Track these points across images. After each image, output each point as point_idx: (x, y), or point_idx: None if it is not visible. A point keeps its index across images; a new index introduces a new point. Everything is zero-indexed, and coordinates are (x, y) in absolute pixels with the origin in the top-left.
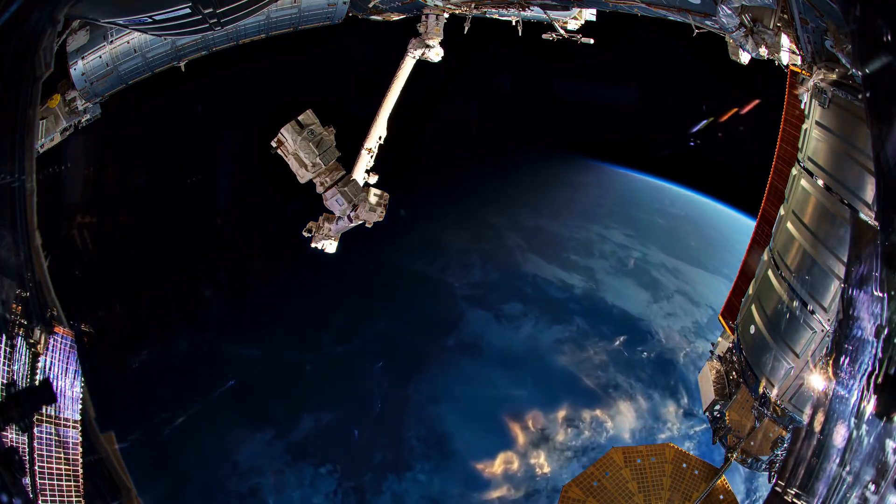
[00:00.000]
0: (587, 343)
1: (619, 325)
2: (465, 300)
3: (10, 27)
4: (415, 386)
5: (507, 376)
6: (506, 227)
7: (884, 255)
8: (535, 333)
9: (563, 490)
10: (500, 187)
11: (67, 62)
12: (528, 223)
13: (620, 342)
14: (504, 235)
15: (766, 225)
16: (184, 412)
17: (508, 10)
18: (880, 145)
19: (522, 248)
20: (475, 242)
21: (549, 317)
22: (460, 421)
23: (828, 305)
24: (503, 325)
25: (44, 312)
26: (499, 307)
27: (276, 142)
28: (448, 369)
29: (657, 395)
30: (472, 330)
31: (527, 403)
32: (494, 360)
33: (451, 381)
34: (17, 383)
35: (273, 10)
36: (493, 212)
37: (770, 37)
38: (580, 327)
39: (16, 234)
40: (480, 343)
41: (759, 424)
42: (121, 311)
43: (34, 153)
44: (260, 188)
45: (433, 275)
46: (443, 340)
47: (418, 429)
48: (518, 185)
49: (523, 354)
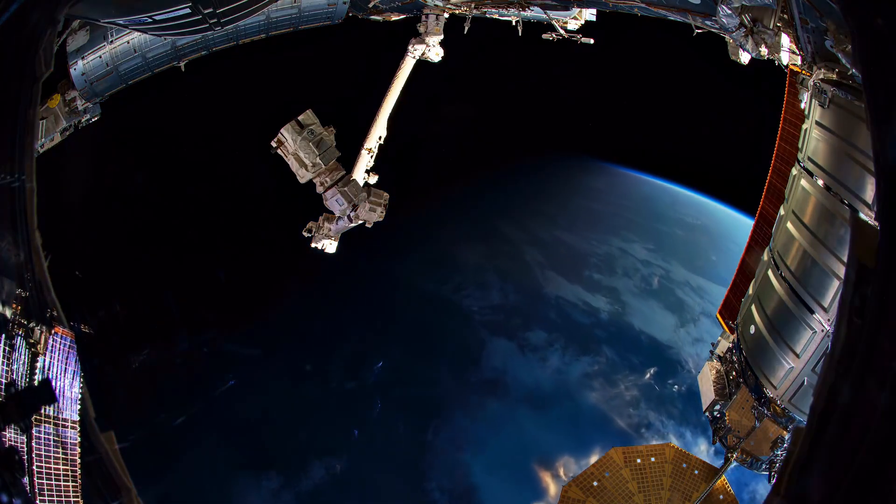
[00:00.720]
0: (617, 377)
1: (648, 354)
2: (484, 327)
3: (10, 27)
4: (435, 430)
5: (535, 417)
6: (522, 239)
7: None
8: (563, 367)
9: (563, 490)
10: (510, 193)
11: (67, 62)
12: (544, 235)
13: (650, 375)
14: (521, 249)
15: (765, 224)
16: (184, 412)
17: (508, 10)
18: (880, 145)
19: (542, 265)
20: (491, 258)
21: (577, 346)
22: (486, 470)
23: (828, 305)
24: (528, 357)
25: (44, 312)
26: (522, 336)
27: (276, 142)
28: (471, 410)
29: (689, 434)
30: (495, 364)
31: (557, 448)
32: (521, 399)
33: (474, 425)
34: (17, 383)
35: (273, 10)
36: (506, 221)
37: (770, 37)
38: (609, 358)
39: (16, 234)
40: (505, 379)
41: (758, 424)
42: (121, 311)
43: (34, 153)
44: (260, 188)
45: (448, 296)
46: (464, 376)
47: (441, 479)
48: (529, 191)
49: (551, 392)
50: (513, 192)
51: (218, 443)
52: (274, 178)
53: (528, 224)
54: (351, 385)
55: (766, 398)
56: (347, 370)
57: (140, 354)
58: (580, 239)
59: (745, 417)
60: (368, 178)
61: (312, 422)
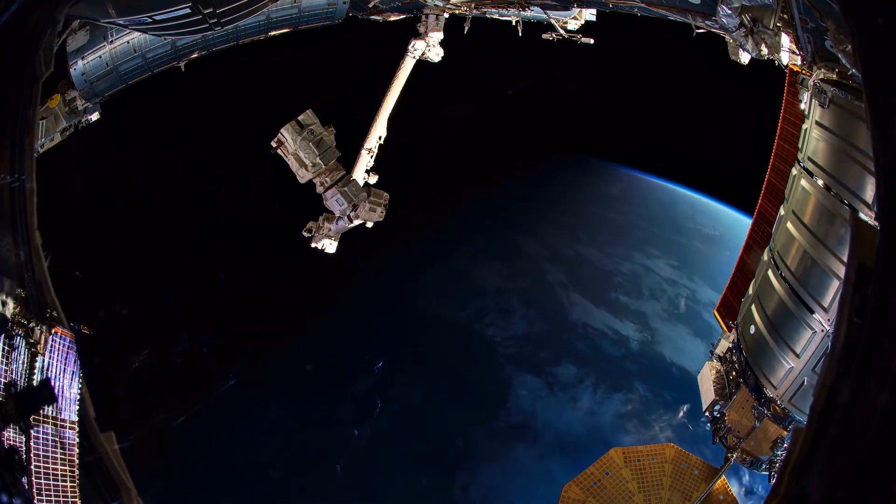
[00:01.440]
0: (651, 417)
1: (681, 388)
2: (509, 361)
3: (10, 27)
4: (462, 486)
5: (569, 467)
6: (542, 256)
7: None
8: (595, 407)
9: (563, 490)
10: (526, 203)
11: (67, 62)
12: (565, 251)
13: (684, 413)
14: (542, 268)
15: (763, 223)
16: (184, 412)
17: (508, 10)
18: (880, 145)
19: (566, 287)
20: (511, 278)
21: (608, 383)
22: None
23: (828, 305)
24: (558, 396)
25: (44, 312)
26: (551, 371)
27: (276, 142)
28: (499, 459)
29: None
30: (523, 405)
31: None
32: (552, 447)
33: (504, 478)
34: (17, 383)
35: (273, 10)
36: (524, 235)
37: (770, 37)
38: (642, 395)
39: (16, 234)
40: (534, 424)
41: (758, 424)
42: (121, 311)
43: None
44: (260, 188)
45: (468, 324)
46: (490, 421)
47: None
48: (544, 200)
49: (585, 437)
50: (524, 198)
51: (218, 443)
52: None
53: (547, 237)
54: (351, 385)
55: (766, 398)
56: (348, 371)
57: (140, 354)
58: (603, 255)
59: (745, 417)
60: (368, 178)
61: (313, 422)
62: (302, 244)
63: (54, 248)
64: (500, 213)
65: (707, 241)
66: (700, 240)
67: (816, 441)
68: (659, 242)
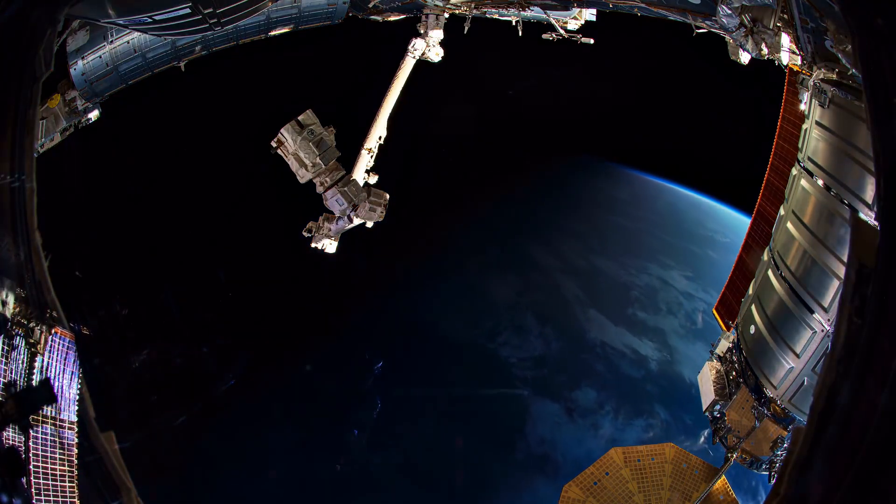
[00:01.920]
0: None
1: (700, 411)
2: (526, 385)
3: (10, 27)
4: None
5: None
6: (556, 267)
7: None
8: (617, 434)
9: (562, 490)
10: (534, 208)
11: (67, 62)
12: (580, 262)
13: (704, 438)
14: (557, 280)
15: (762, 222)
16: (184, 412)
17: (508, 10)
18: (880, 145)
19: (582, 302)
20: (525, 292)
21: (629, 407)
22: None
23: (828, 305)
24: (577, 424)
25: (44, 312)
26: (569, 396)
27: (276, 142)
28: (518, 494)
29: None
30: (542, 433)
31: None
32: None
33: None
34: (17, 383)
35: (273, 10)
36: (536, 244)
37: (770, 37)
38: (663, 420)
39: (16, 234)
40: (554, 455)
41: (758, 424)
42: (121, 311)
43: (34, 153)
44: (260, 188)
45: (482, 344)
46: (508, 451)
47: None
48: (553, 204)
49: None
50: (532, 202)
51: (218, 443)
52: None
53: (560, 246)
54: (351, 385)
55: (766, 398)
56: (348, 370)
57: (140, 354)
58: (617, 266)
59: (745, 417)
60: (368, 178)
61: (313, 421)
62: (302, 244)
63: (54, 248)
64: (508, 220)
65: (720, 250)
66: (713, 248)
67: (816, 441)
68: (673, 252)
